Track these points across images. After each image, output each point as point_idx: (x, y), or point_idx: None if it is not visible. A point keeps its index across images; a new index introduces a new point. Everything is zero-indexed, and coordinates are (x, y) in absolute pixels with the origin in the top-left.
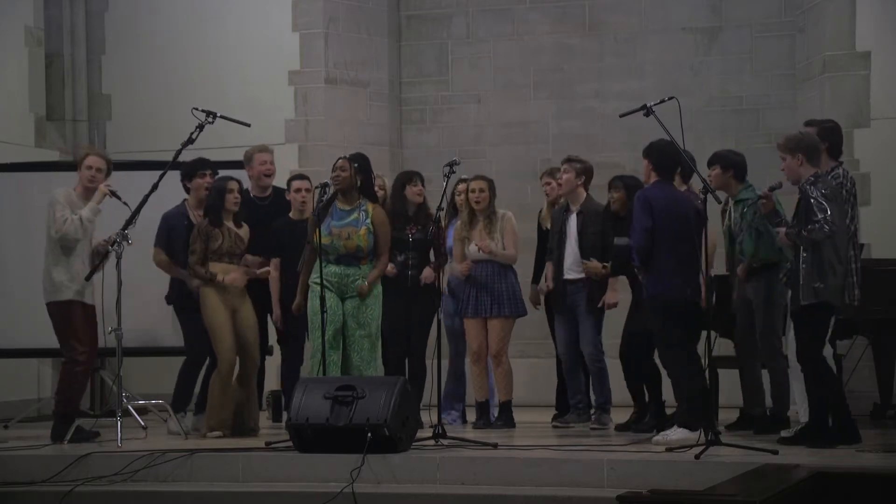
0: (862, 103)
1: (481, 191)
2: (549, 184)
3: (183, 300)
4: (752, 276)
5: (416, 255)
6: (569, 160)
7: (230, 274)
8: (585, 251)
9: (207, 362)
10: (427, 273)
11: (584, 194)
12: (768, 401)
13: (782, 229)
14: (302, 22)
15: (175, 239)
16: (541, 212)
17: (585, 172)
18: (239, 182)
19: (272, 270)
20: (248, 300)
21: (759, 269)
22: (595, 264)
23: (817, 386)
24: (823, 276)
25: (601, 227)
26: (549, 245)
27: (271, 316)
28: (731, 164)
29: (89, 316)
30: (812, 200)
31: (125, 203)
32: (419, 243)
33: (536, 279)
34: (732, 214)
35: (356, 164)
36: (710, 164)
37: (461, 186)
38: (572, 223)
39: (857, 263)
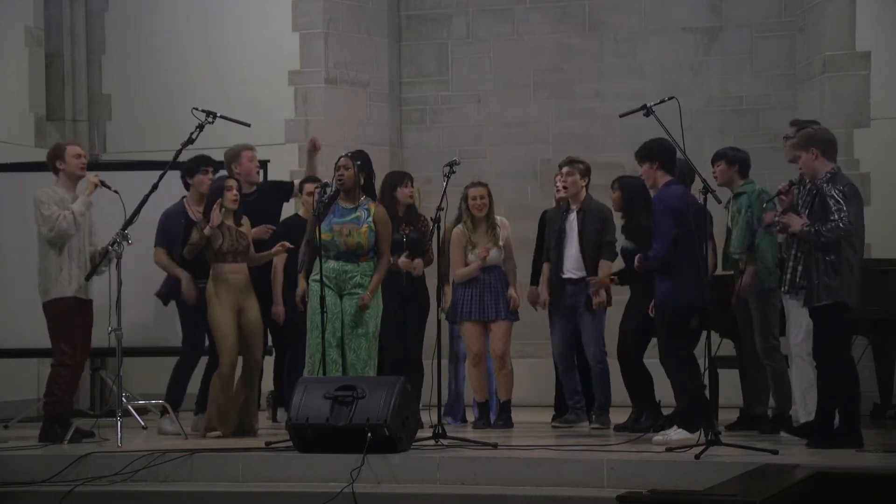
0: (862, 103)
1: (482, 197)
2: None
3: (177, 296)
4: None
5: (411, 256)
6: (571, 162)
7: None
8: (586, 249)
9: (205, 362)
10: (418, 265)
11: (585, 194)
12: (770, 401)
13: (797, 219)
14: (302, 22)
15: (172, 236)
16: (546, 212)
17: (588, 173)
18: (237, 181)
19: (277, 261)
20: (254, 299)
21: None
22: (603, 279)
23: (832, 386)
24: (839, 274)
25: (601, 225)
26: (546, 245)
27: (272, 315)
28: (737, 160)
29: (85, 312)
30: (829, 199)
31: (115, 192)
32: (413, 243)
33: (535, 280)
34: (731, 209)
35: (359, 163)
36: (714, 160)
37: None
38: (573, 222)
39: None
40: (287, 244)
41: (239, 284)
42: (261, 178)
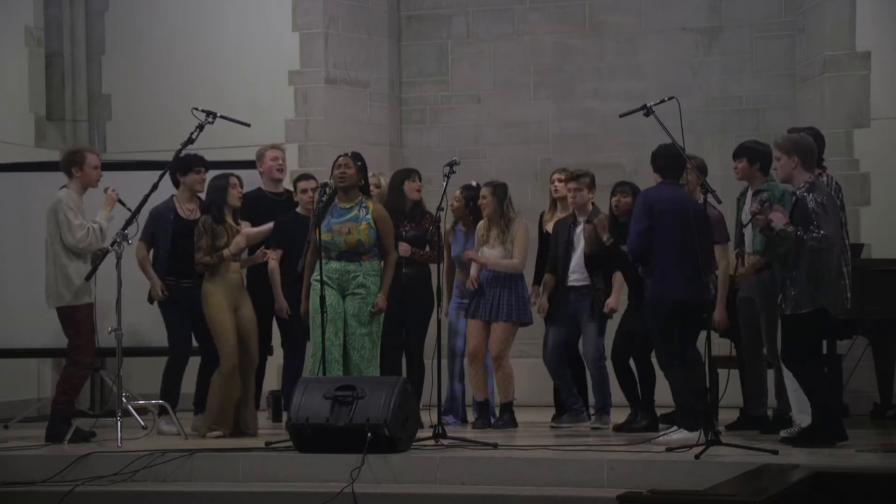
0: (862, 103)
1: (483, 197)
2: (561, 181)
3: (167, 293)
4: (755, 275)
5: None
6: (576, 177)
7: (232, 245)
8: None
9: (201, 361)
10: (403, 247)
11: (591, 206)
12: (771, 401)
13: (780, 215)
14: (302, 22)
15: (160, 232)
16: (543, 214)
17: (593, 184)
18: (239, 178)
19: (271, 261)
20: (248, 297)
21: (761, 269)
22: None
23: (811, 386)
24: (821, 282)
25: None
26: (551, 253)
27: (279, 323)
28: (759, 157)
29: (91, 315)
30: (812, 214)
31: (129, 209)
32: (413, 240)
33: (538, 281)
34: (748, 205)
35: (359, 163)
36: (737, 156)
37: (457, 194)
38: (580, 234)
39: (848, 266)
40: (266, 251)
41: (234, 283)
42: (285, 177)
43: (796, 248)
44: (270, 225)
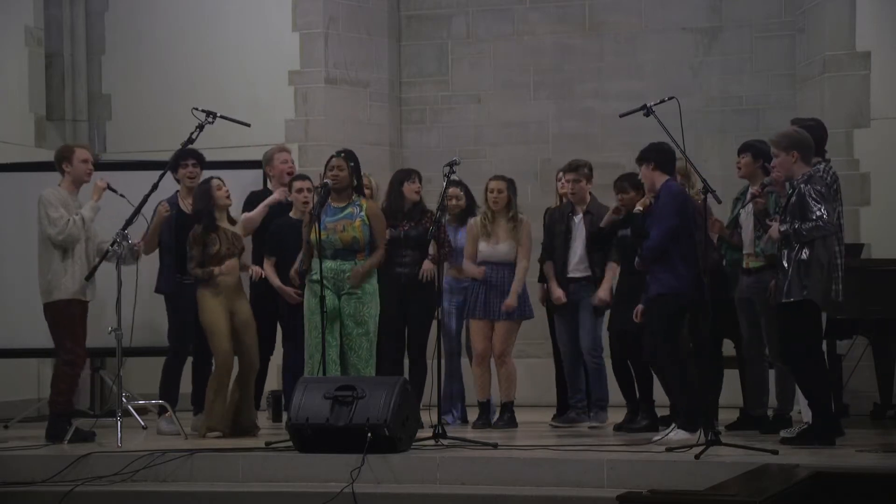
0: (862, 103)
1: (499, 191)
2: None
3: (173, 290)
4: (755, 275)
5: (410, 253)
6: (576, 168)
7: (224, 265)
8: (593, 250)
9: (194, 360)
10: (426, 266)
11: (590, 196)
12: (771, 401)
13: (775, 224)
14: (302, 22)
15: (165, 227)
16: (547, 210)
17: (591, 174)
18: (220, 179)
19: (268, 270)
20: (245, 301)
21: (761, 269)
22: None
23: (810, 385)
24: (811, 273)
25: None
26: (548, 244)
27: (280, 321)
28: (763, 154)
29: (84, 314)
30: (808, 198)
31: (122, 195)
32: (413, 240)
33: (543, 278)
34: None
35: (352, 164)
36: (741, 152)
37: (452, 190)
38: (579, 224)
39: (841, 259)
40: (258, 270)
41: (230, 286)
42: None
43: (797, 240)
44: (268, 203)
